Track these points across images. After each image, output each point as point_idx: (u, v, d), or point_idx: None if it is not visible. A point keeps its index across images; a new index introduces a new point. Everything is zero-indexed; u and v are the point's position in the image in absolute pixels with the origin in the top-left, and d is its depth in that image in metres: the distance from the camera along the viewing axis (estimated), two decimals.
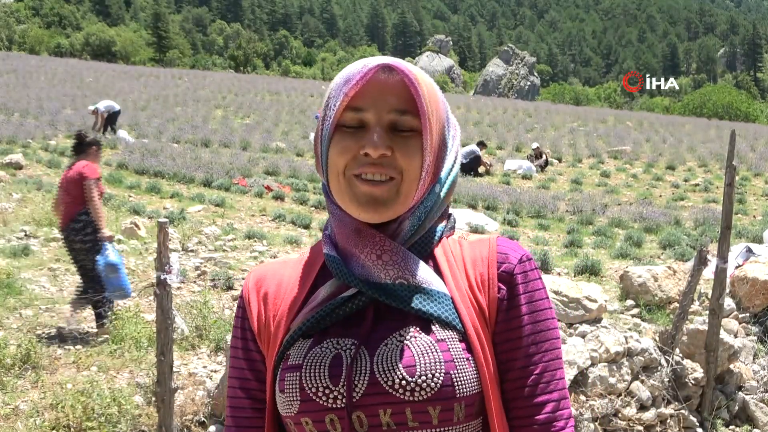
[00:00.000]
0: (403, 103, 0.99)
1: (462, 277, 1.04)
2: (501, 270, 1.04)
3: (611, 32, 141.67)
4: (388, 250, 1.02)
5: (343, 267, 1.03)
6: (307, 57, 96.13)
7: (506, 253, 1.06)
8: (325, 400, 0.97)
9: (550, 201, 12.69)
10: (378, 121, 0.99)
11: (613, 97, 72.49)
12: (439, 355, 0.96)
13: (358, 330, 1.01)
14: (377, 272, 1.01)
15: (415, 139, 1.00)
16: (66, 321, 5.50)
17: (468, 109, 31.06)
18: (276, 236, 9.12)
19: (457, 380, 0.96)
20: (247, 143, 18.30)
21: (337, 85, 1.01)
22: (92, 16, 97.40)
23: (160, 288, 3.69)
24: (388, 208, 1.00)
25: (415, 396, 0.94)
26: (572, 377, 4.44)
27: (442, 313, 1.00)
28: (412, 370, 0.95)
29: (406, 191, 1.00)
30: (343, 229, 1.04)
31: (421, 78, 1.00)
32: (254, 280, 1.12)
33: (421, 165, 1.00)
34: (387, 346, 0.98)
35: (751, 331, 5.44)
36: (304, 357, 1.00)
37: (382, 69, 0.99)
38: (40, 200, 10.20)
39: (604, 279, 7.00)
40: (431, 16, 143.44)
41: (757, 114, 46.47)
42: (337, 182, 1.01)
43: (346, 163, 1.00)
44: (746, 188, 15.36)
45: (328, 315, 1.02)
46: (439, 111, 1.03)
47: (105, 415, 3.91)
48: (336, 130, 1.01)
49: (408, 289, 1.00)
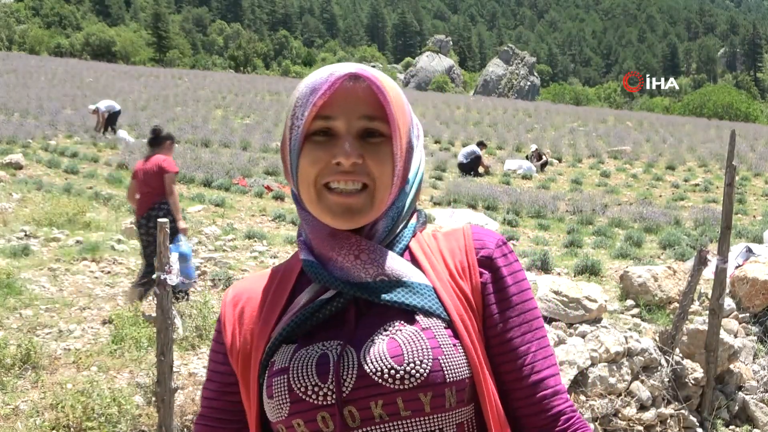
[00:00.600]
0: (371, 110, 1.00)
1: (442, 268, 1.05)
2: (480, 255, 1.06)
3: (611, 32, 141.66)
4: (365, 249, 1.03)
5: (321, 270, 1.03)
6: (307, 57, 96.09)
7: (482, 239, 1.08)
8: (314, 398, 0.97)
9: (550, 201, 12.69)
10: (348, 129, 1.00)
11: (613, 97, 72.53)
12: (425, 342, 0.97)
13: (342, 331, 1.02)
14: (357, 272, 1.02)
15: (385, 144, 1.01)
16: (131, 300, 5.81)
17: (468, 109, 31.06)
18: (276, 236, 9.12)
19: (446, 365, 0.96)
20: (247, 143, 18.30)
21: (304, 95, 1.01)
22: (92, 16, 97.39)
23: (160, 288, 3.69)
24: (363, 216, 1.01)
25: (405, 384, 0.95)
26: (572, 377, 4.44)
27: (425, 303, 1.01)
28: (400, 359, 0.95)
29: (380, 197, 1.02)
30: (318, 234, 1.05)
31: (387, 84, 1.01)
32: (231, 297, 1.14)
33: (392, 171, 1.01)
34: (372, 340, 0.98)
35: (751, 331, 5.44)
36: (290, 359, 1.00)
37: (349, 77, 0.99)
38: (40, 200, 10.19)
39: (604, 279, 7.00)
40: (431, 16, 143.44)
41: (757, 114, 46.47)
42: (308, 192, 1.02)
43: (317, 173, 1.00)
44: (746, 188, 15.36)
45: (309, 318, 1.02)
46: (405, 115, 1.04)
47: (105, 415, 3.91)
48: (306, 141, 1.01)
49: (389, 284, 1.01)
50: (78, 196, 10.63)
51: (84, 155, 15.18)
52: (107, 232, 8.69)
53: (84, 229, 8.69)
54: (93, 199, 10.86)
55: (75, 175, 13.10)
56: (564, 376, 4.41)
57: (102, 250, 7.64)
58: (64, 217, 8.77)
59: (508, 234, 9.96)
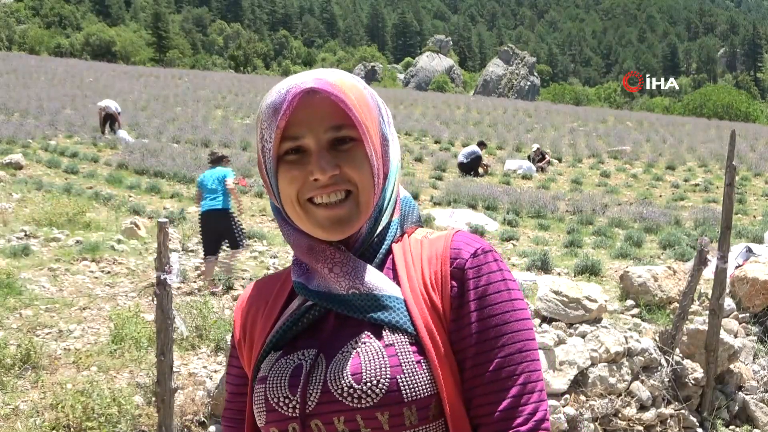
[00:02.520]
0: (337, 119, 0.98)
1: (418, 277, 1.03)
2: (453, 266, 1.02)
3: (611, 32, 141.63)
4: (339, 262, 1.03)
5: (301, 287, 1.05)
6: (307, 57, 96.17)
7: (459, 248, 1.03)
8: (285, 409, 0.99)
9: (550, 201, 12.69)
10: (318, 143, 0.98)
11: (613, 97, 72.51)
12: (385, 360, 0.96)
13: (319, 339, 1.03)
14: (333, 284, 1.03)
15: (358, 148, 1.00)
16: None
17: (468, 109, 31.06)
18: (276, 236, 9.12)
19: (404, 384, 0.95)
20: (247, 143, 18.30)
21: (267, 116, 1.00)
22: (92, 16, 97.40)
23: (160, 288, 3.69)
24: (352, 224, 1.01)
25: (362, 403, 0.95)
26: (572, 377, 4.44)
27: (393, 318, 0.99)
28: (359, 377, 0.95)
29: (365, 201, 1.01)
30: (299, 249, 1.06)
31: (347, 87, 0.99)
32: (241, 300, 1.17)
33: (371, 172, 1.01)
34: (342, 353, 0.99)
35: (751, 331, 5.44)
36: (270, 369, 1.03)
37: (305, 92, 0.97)
38: (40, 200, 10.19)
39: (604, 279, 6.99)
40: (431, 16, 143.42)
41: (757, 114, 46.47)
42: (294, 210, 1.02)
43: (297, 190, 1.00)
44: (746, 188, 15.36)
45: (293, 326, 1.04)
46: (372, 110, 1.02)
47: (105, 415, 3.91)
48: (279, 162, 1.01)
49: (360, 297, 1.01)
50: (78, 196, 10.64)
51: (84, 155, 15.19)
52: (107, 232, 8.69)
53: (84, 229, 8.69)
54: (93, 199, 10.86)
55: (75, 175, 13.11)
56: (564, 376, 4.41)
57: (102, 250, 7.64)
58: (64, 217, 8.77)
59: (508, 234, 9.96)
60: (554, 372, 4.40)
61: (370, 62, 77.78)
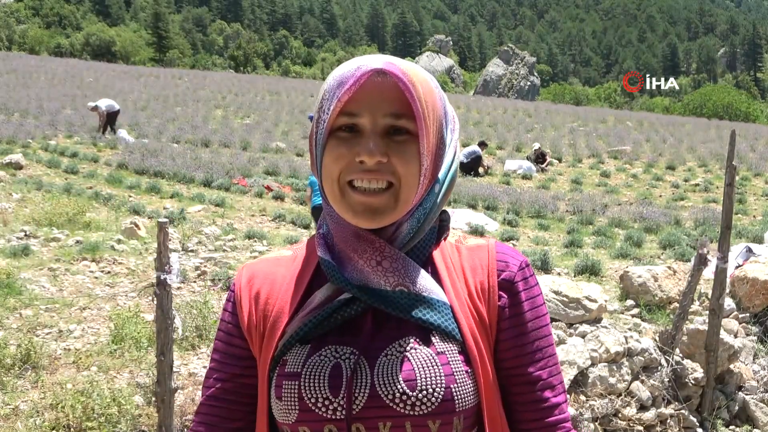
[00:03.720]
0: (398, 107, 0.97)
1: (462, 286, 1.02)
2: (501, 278, 1.03)
3: (611, 32, 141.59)
4: (389, 257, 1.00)
5: (337, 272, 1.00)
6: (307, 57, 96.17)
7: (506, 261, 1.05)
8: (324, 411, 0.96)
9: (550, 201, 12.68)
10: (373, 126, 0.97)
11: (613, 97, 72.43)
12: (439, 368, 0.95)
13: (356, 338, 0.99)
14: (377, 278, 0.99)
15: (412, 143, 0.98)
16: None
17: (468, 109, 31.05)
18: (276, 236, 9.12)
19: (457, 394, 0.95)
20: (247, 143, 18.30)
21: (331, 87, 0.98)
22: (92, 16, 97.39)
23: (160, 288, 3.69)
24: (385, 216, 0.98)
25: (416, 410, 0.94)
26: (572, 377, 4.44)
27: (442, 322, 0.98)
28: (413, 384, 0.94)
29: (405, 197, 0.98)
30: (341, 232, 1.02)
31: (416, 79, 0.97)
32: (246, 278, 1.10)
33: (418, 170, 0.98)
34: (387, 357, 0.97)
35: (751, 331, 5.44)
36: (303, 365, 0.98)
37: (376, 73, 0.96)
38: (40, 200, 10.19)
39: (604, 279, 6.99)
40: (431, 16, 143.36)
41: (757, 114, 46.46)
42: (332, 189, 0.99)
43: (340, 170, 0.98)
44: (746, 188, 15.36)
45: (325, 320, 1.00)
46: (437, 109, 1.01)
47: (105, 415, 3.91)
48: (330, 136, 0.99)
49: (408, 297, 0.99)
50: (78, 196, 10.63)
51: (84, 155, 15.18)
52: (107, 232, 8.68)
53: (84, 229, 8.68)
54: (93, 199, 10.85)
55: (75, 175, 13.10)
56: (564, 376, 4.41)
57: (102, 250, 7.63)
58: (64, 217, 8.76)
59: (508, 234, 9.96)
60: None
61: None
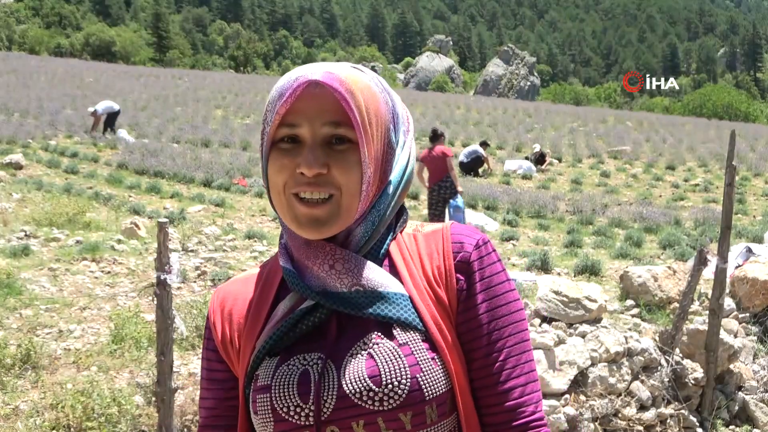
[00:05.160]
0: (337, 116, 0.96)
1: (419, 274, 1.02)
2: (457, 260, 1.02)
3: (611, 32, 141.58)
4: (340, 259, 1.00)
5: (298, 279, 1.01)
6: (307, 57, 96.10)
7: (461, 242, 1.03)
8: (297, 418, 0.96)
9: (550, 201, 12.69)
10: (312, 136, 0.97)
11: (613, 97, 72.44)
12: (402, 360, 0.95)
13: (323, 343, 1.00)
14: (332, 282, 1.00)
15: (353, 151, 0.97)
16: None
17: (468, 109, 31.06)
18: (276, 236, 9.11)
19: (424, 383, 0.95)
20: (247, 143, 18.30)
21: (273, 99, 0.99)
22: (92, 16, 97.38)
23: (160, 288, 3.69)
24: (329, 226, 0.98)
25: (384, 405, 0.94)
26: (572, 377, 4.44)
27: (401, 314, 0.98)
28: (378, 380, 0.94)
29: (347, 206, 0.98)
30: (295, 242, 1.03)
31: (355, 87, 0.97)
32: (218, 301, 1.12)
33: (360, 178, 0.98)
34: (352, 356, 0.97)
35: (751, 331, 5.44)
36: (272, 377, 0.99)
37: (313, 84, 0.96)
38: (40, 200, 10.19)
39: (604, 279, 6.99)
40: (431, 16, 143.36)
41: (757, 114, 46.47)
42: (279, 200, 1.00)
43: (284, 181, 0.98)
44: (746, 188, 15.36)
45: (290, 330, 1.01)
46: (380, 115, 1.00)
47: (105, 415, 3.91)
48: (272, 148, 1.00)
49: (365, 295, 0.99)
50: (78, 196, 10.63)
51: (84, 155, 15.19)
52: (107, 232, 8.69)
53: (84, 229, 8.68)
54: (93, 199, 10.86)
55: (75, 175, 13.11)
56: (564, 376, 4.41)
57: (102, 250, 7.63)
58: (64, 217, 8.76)
59: (507, 234, 9.96)
60: (554, 372, 4.40)
61: (370, 62, 77.76)
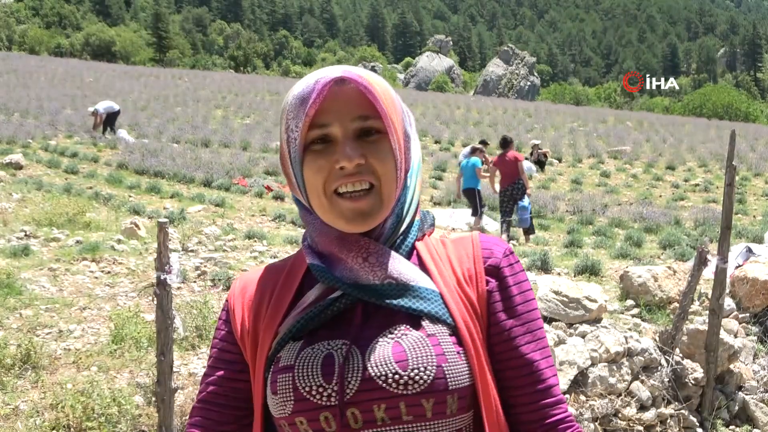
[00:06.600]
0: (363, 110, 1.01)
1: (449, 274, 1.06)
2: (487, 264, 1.08)
3: (611, 32, 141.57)
4: (374, 252, 1.04)
5: (327, 273, 1.04)
6: (307, 57, 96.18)
7: (491, 249, 1.10)
8: (318, 398, 0.98)
9: (550, 201, 12.70)
10: (344, 132, 1.00)
11: (613, 97, 72.45)
12: (430, 348, 0.98)
13: (347, 330, 1.02)
14: (365, 274, 1.03)
15: (383, 141, 1.02)
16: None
17: (468, 109, 31.06)
18: (276, 236, 9.12)
19: (449, 373, 0.98)
20: (247, 143, 18.30)
21: (293, 106, 1.02)
22: (92, 16, 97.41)
23: (160, 288, 3.69)
24: (375, 217, 1.02)
25: (409, 389, 0.96)
26: (572, 377, 4.44)
27: (432, 308, 1.02)
28: (405, 365, 0.97)
29: (388, 194, 1.03)
30: (326, 238, 1.05)
31: (374, 81, 1.02)
32: (240, 287, 1.15)
33: (395, 165, 1.02)
34: (377, 343, 0.99)
35: (751, 331, 5.44)
36: (296, 357, 1.01)
37: (334, 82, 1.00)
38: (40, 200, 10.19)
39: (604, 279, 6.99)
40: (431, 16, 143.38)
41: (757, 114, 46.49)
42: (319, 201, 1.03)
43: (323, 181, 1.01)
44: (746, 188, 15.37)
45: (317, 316, 1.03)
46: (396, 107, 1.05)
47: (105, 415, 3.91)
48: (305, 152, 1.02)
49: (396, 288, 1.02)
50: (78, 196, 10.63)
51: (84, 155, 15.18)
52: (107, 232, 8.68)
53: (84, 229, 8.68)
54: (93, 199, 10.86)
55: (75, 175, 13.11)
56: (564, 376, 4.41)
57: (102, 250, 7.63)
58: (64, 217, 8.76)
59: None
60: None
61: (370, 62, 77.74)
